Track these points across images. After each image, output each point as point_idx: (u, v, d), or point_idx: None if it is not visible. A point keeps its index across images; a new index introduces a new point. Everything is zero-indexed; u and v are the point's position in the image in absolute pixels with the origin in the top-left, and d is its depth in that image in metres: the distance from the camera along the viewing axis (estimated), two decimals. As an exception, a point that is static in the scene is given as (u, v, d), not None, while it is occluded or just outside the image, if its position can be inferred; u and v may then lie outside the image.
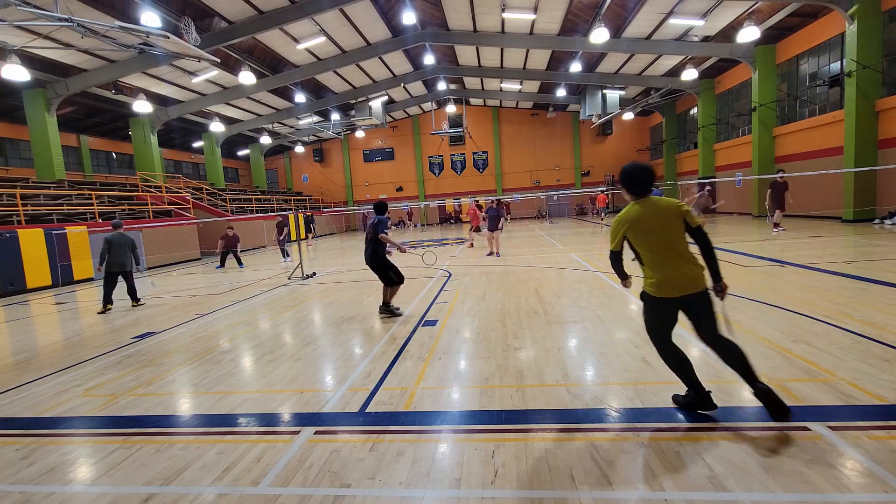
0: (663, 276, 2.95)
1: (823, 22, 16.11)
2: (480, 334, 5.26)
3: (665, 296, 2.94)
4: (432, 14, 19.50)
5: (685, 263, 2.93)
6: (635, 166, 3.08)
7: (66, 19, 9.79)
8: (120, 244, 8.41)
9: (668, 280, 2.93)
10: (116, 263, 8.38)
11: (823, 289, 6.22)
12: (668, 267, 2.94)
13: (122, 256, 8.42)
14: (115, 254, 8.37)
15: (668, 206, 2.99)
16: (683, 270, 2.92)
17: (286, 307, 7.76)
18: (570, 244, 14.33)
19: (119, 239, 8.43)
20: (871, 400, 3.05)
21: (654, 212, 2.98)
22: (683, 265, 2.93)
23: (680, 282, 2.91)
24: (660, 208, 3.00)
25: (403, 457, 2.76)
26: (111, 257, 8.33)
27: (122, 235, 8.51)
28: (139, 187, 21.04)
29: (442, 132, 31.47)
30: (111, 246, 8.33)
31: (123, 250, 8.45)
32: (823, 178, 14.91)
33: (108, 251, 8.30)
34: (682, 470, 2.43)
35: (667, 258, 2.95)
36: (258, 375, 4.48)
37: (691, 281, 2.90)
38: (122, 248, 8.43)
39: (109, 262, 8.34)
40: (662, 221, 2.96)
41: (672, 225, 2.95)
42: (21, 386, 4.62)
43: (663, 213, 2.98)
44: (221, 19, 15.73)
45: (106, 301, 8.41)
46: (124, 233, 8.64)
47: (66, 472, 2.89)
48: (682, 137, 28.52)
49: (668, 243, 2.95)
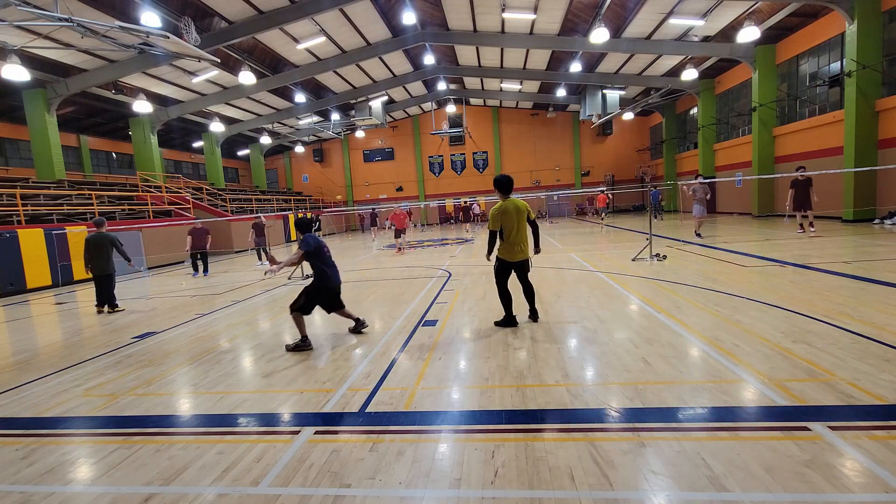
0: (511, 248, 5.21)
1: (823, 22, 16.12)
2: (480, 334, 5.26)
3: (510, 260, 5.28)
4: (432, 14, 19.50)
5: (522, 242, 5.22)
6: (505, 176, 5.22)
7: (66, 19, 9.79)
8: (98, 245, 8.19)
9: (512, 251, 5.22)
10: (97, 267, 8.16)
11: (823, 289, 6.22)
12: (514, 243, 5.19)
13: (98, 260, 8.16)
14: (94, 255, 8.15)
15: (521, 204, 5.19)
16: (521, 247, 5.23)
17: (286, 307, 7.75)
18: (569, 244, 14.32)
19: (97, 239, 8.20)
20: (871, 400, 3.05)
21: (514, 207, 5.14)
22: (522, 243, 5.22)
23: (518, 254, 5.23)
24: (517, 205, 5.15)
25: (403, 457, 2.76)
26: (91, 261, 8.12)
27: (101, 235, 8.26)
28: (139, 187, 21.05)
29: (442, 132, 31.47)
30: (89, 246, 8.14)
31: (101, 251, 8.19)
32: (823, 178, 14.90)
33: (87, 251, 8.12)
34: (682, 470, 2.43)
35: (514, 237, 5.16)
36: (258, 375, 4.48)
37: (522, 253, 5.25)
38: (100, 248, 8.19)
39: (90, 266, 8.14)
40: (517, 214, 5.12)
41: (521, 217, 5.18)
42: (21, 386, 4.62)
43: (519, 208, 5.15)
44: (221, 19, 15.73)
45: (104, 303, 8.32)
46: (105, 232, 8.38)
47: (66, 472, 2.89)
48: (682, 137, 28.52)
49: (518, 228, 5.14)
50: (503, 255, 5.27)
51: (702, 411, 3.07)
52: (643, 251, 10.19)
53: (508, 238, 5.15)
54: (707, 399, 3.23)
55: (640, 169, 33.79)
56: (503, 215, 5.11)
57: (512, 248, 5.20)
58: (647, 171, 33.28)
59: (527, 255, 5.28)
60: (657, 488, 2.31)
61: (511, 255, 5.23)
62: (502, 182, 5.21)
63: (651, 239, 10.32)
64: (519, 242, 5.18)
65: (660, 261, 9.49)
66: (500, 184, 5.21)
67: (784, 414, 2.97)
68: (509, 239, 5.16)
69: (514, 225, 5.10)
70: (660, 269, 8.66)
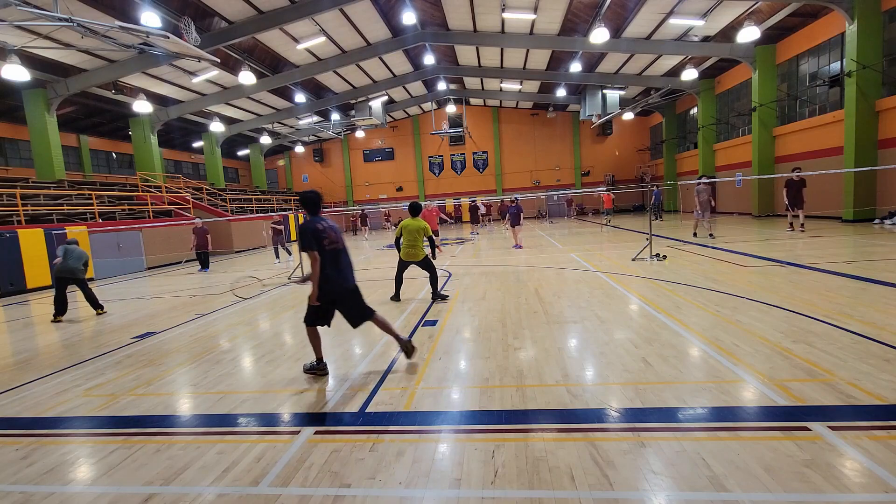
0: (405, 250, 7.14)
1: (823, 22, 16.11)
2: (480, 334, 5.25)
3: (404, 259, 7.20)
4: (432, 14, 19.49)
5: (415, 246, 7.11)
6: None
7: (66, 19, 9.79)
8: (74, 252, 8.09)
9: (406, 252, 7.15)
10: (67, 269, 7.96)
11: (823, 289, 6.22)
12: (407, 247, 7.12)
13: (73, 263, 8.03)
14: (68, 259, 8.03)
15: (418, 223, 7.08)
16: (413, 251, 7.12)
17: (286, 307, 7.76)
18: (569, 244, 14.33)
19: (73, 249, 8.14)
20: (871, 400, 3.05)
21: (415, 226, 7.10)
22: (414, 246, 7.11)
23: (412, 254, 7.12)
24: (416, 223, 7.09)
25: (403, 457, 2.76)
26: (63, 262, 7.96)
27: (77, 248, 8.21)
28: (139, 187, 21.04)
29: (442, 132, 31.45)
30: (66, 253, 8.02)
31: (76, 260, 8.07)
32: (823, 178, 14.91)
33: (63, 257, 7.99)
34: (682, 470, 2.43)
35: (410, 244, 7.10)
36: (258, 375, 4.48)
37: (414, 256, 7.14)
38: (76, 256, 8.09)
39: (60, 268, 7.93)
40: (416, 228, 7.06)
41: (419, 232, 7.09)
42: (21, 386, 4.62)
43: (417, 224, 7.10)
44: (221, 19, 15.72)
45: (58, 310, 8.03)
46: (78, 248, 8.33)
47: (66, 472, 2.89)
48: (682, 137, 28.51)
49: (414, 239, 7.10)
50: (403, 255, 7.24)
51: (702, 411, 3.07)
52: (643, 251, 10.20)
53: (405, 242, 7.17)
54: (707, 399, 3.23)
55: (640, 169, 33.79)
56: (404, 226, 7.16)
57: (405, 250, 7.18)
58: (647, 171, 33.29)
59: (419, 257, 7.19)
60: (657, 488, 2.31)
61: (405, 256, 7.24)
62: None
63: (651, 239, 10.33)
64: (412, 245, 7.15)
65: (660, 261, 9.49)
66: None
67: (784, 414, 2.97)
68: (406, 243, 7.16)
69: (409, 235, 7.13)
70: (660, 269, 8.66)
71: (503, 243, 15.90)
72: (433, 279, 7.36)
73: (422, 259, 7.17)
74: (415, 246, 7.06)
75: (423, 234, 7.13)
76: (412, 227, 7.08)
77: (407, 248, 7.09)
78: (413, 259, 7.14)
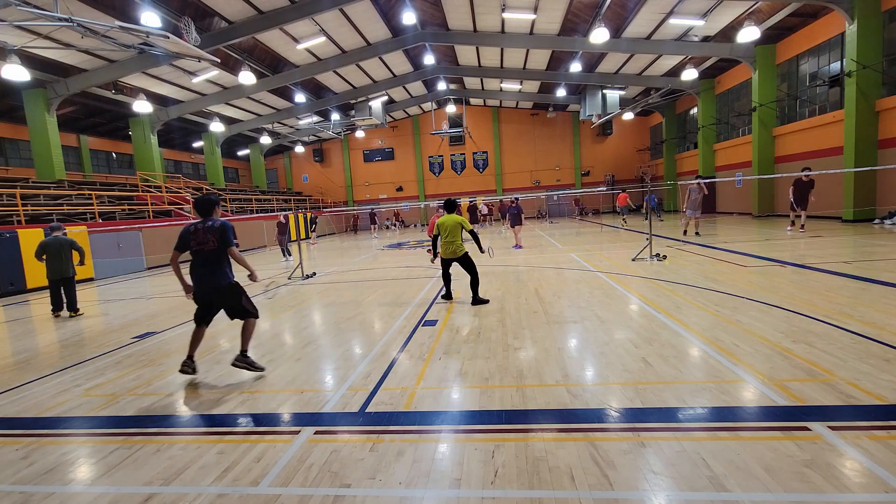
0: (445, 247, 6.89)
1: (823, 22, 16.11)
2: (480, 334, 5.25)
3: (445, 256, 6.95)
4: (432, 14, 19.49)
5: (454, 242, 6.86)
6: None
7: (66, 19, 9.79)
8: (56, 248, 7.95)
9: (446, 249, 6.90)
10: (53, 270, 7.93)
11: (823, 289, 6.22)
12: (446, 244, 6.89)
13: (58, 263, 7.93)
14: (52, 260, 7.92)
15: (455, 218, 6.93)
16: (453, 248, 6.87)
17: (286, 307, 7.76)
18: (569, 244, 14.33)
19: (54, 242, 7.95)
20: (871, 400, 3.05)
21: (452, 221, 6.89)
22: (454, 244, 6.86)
23: (453, 251, 6.86)
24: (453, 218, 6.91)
25: (403, 457, 2.76)
26: (48, 264, 7.92)
27: (57, 238, 8.01)
28: (139, 187, 21.03)
29: (442, 132, 31.44)
30: (45, 251, 7.89)
31: (59, 256, 7.95)
32: (823, 177, 14.90)
33: (45, 257, 7.90)
34: (682, 470, 2.43)
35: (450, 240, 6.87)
36: (258, 375, 4.47)
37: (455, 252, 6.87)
38: (58, 253, 7.96)
39: (48, 270, 7.92)
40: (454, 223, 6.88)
41: (457, 227, 6.86)
42: (21, 386, 4.62)
43: (455, 219, 6.87)
44: (221, 19, 15.72)
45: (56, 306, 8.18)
46: (62, 236, 8.14)
47: (66, 472, 2.89)
48: (682, 137, 28.51)
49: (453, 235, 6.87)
50: (443, 252, 7.04)
51: (702, 411, 3.07)
52: (643, 251, 10.20)
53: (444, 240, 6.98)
54: (707, 399, 3.23)
55: (640, 169, 33.78)
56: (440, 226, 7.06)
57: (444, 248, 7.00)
58: (647, 171, 33.28)
59: (458, 253, 6.90)
60: (657, 488, 2.31)
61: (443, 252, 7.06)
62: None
63: (651, 239, 10.33)
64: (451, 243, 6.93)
65: (660, 261, 9.49)
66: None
67: (784, 414, 2.97)
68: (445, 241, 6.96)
69: (448, 234, 6.91)
70: (660, 269, 8.66)
71: (503, 243, 15.91)
72: (474, 282, 6.88)
73: (462, 255, 6.85)
74: (454, 242, 6.82)
75: (463, 229, 6.87)
76: (450, 224, 6.84)
77: (447, 245, 6.86)
78: (454, 256, 6.85)
